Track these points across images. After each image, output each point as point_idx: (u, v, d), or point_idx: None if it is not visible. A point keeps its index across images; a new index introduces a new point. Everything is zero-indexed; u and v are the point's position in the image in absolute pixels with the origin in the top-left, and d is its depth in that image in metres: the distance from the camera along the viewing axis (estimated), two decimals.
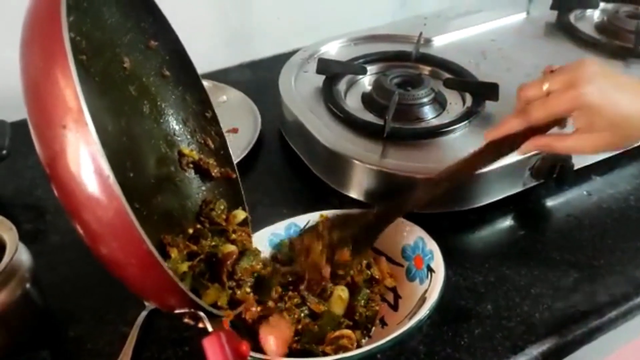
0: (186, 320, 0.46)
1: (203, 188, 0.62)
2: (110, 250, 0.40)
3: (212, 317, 0.46)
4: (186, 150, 0.61)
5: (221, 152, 0.63)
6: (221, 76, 0.96)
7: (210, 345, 0.43)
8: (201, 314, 0.46)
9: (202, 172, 0.62)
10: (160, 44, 0.58)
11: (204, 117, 0.62)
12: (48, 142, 0.37)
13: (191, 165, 0.61)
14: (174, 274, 0.42)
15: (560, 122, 0.56)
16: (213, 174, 0.62)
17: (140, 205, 0.51)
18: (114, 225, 0.39)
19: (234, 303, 0.54)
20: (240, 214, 0.61)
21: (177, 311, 0.46)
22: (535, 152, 0.61)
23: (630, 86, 0.54)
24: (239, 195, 0.63)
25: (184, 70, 0.60)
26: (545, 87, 0.54)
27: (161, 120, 0.60)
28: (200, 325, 0.46)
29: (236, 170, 0.63)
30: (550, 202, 0.72)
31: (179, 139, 0.61)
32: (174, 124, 0.61)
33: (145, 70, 0.58)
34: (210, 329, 0.45)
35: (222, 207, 0.61)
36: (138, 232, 0.39)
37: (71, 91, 0.36)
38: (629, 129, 0.53)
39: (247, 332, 0.55)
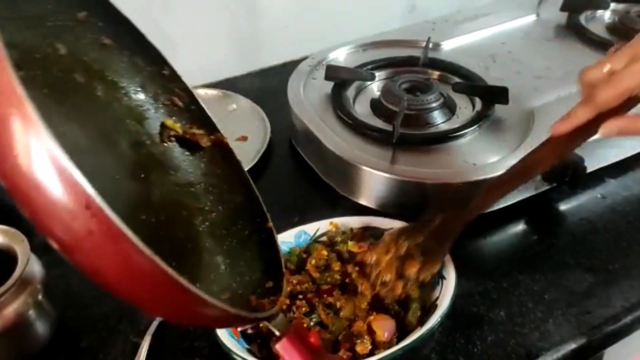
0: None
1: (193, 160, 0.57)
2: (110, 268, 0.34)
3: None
4: (169, 122, 0.55)
5: (192, 108, 0.56)
6: (230, 85, 0.96)
7: (284, 351, 0.44)
8: (264, 322, 0.44)
9: (189, 145, 0.56)
10: (91, 12, 0.50)
11: (162, 77, 0.55)
12: None
13: (173, 139, 0.55)
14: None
15: (634, 103, 0.51)
16: (202, 143, 0.56)
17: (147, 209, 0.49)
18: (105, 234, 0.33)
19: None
20: None
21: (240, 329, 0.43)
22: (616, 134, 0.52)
23: None
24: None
25: (123, 33, 0.53)
26: (607, 67, 0.50)
27: (118, 96, 0.53)
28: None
29: (221, 133, 0.57)
30: (563, 206, 0.71)
31: (143, 108, 0.55)
32: (134, 95, 0.54)
33: (84, 48, 0.51)
34: (277, 333, 0.45)
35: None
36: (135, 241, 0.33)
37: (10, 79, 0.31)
38: None
39: (261, 340, 0.55)
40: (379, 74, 0.85)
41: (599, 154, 0.71)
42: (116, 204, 0.34)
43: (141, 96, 0.54)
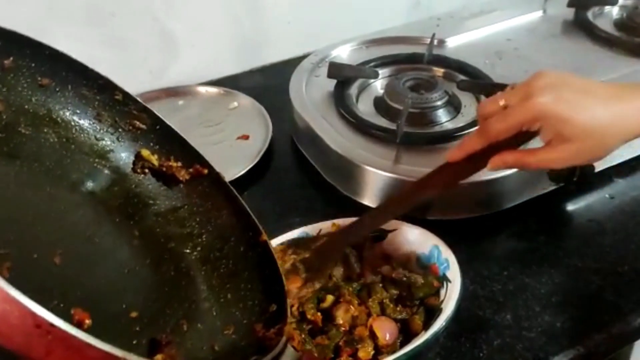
0: None
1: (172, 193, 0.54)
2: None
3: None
4: (145, 153, 0.52)
5: (157, 128, 0.53)
6: (231, 82, 0.95)
7: None
8: None
9: (165, 177, 0.53)
10: (17, 56, 0.47)
11: (115, 102, 0.52)
12: None
13: (147, 171, 0.53)
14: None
15: (527, 138, 0.54)
16: (180, 177, 0.53)
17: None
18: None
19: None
20: None
21: None
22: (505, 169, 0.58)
23: (602, 90, 0.51)
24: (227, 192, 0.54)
25: (61, 68, 0.49)
26: (502, 102, 0.52)
27: (73, 136, 0.50)
28: None
29: (204, 159, 0.53)
30: (570, 207, 0.70)
31: (104, 141, 0.51)
32: (91, 129, 0.51)
33: (22, 96, 0.48)
34: None
35: None
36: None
37: None
38: (604, 136, 0.50)
39: None
40: (383, 72, 0.83)
41: None
42: (90, 276, 0.31)
43: (98, 128, 0.52)
